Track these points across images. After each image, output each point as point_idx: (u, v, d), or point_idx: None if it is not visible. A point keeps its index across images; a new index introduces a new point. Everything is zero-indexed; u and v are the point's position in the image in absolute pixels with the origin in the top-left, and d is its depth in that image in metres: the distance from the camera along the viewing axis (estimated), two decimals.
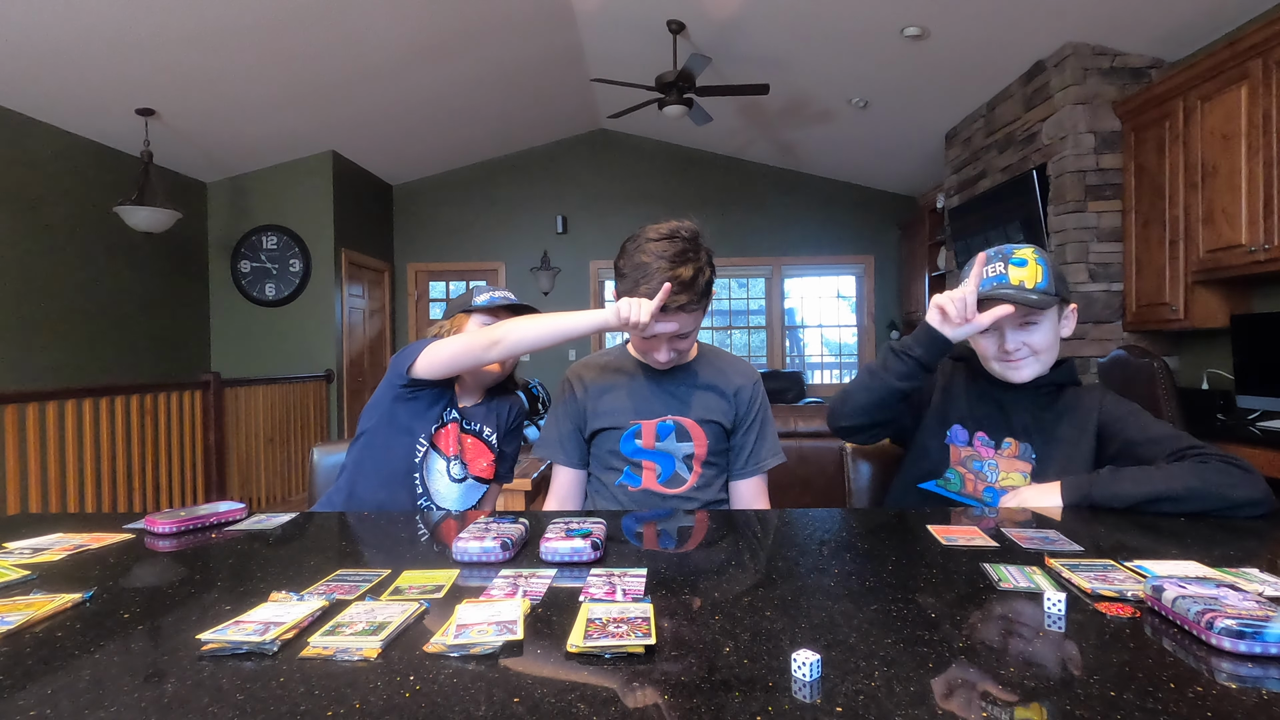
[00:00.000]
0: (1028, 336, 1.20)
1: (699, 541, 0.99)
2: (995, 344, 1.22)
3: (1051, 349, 1.22)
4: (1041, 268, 1.17)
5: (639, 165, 6.88)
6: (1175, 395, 2.65)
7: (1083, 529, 0.98)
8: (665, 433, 1.37)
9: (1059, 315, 1.22)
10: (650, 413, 1.37)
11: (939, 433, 1.29)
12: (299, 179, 5.63)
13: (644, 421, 1.37)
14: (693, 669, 0.57)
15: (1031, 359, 1.21)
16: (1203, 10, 3.18)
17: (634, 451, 1.37)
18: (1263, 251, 2.72)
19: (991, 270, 1.20)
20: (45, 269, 4.17)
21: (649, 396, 1.39)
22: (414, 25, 4.02)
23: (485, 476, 1.47)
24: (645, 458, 1.37)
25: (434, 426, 1.40)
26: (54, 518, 1.13)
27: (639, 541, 0.97)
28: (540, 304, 6.89)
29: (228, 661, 0.59)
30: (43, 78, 3.76)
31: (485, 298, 1.47)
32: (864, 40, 4.06)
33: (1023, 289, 1.16)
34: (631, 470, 1.38)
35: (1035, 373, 1.22)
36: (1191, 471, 1.06)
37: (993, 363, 1.25)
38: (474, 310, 1.46)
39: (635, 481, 1.38)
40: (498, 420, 1.51)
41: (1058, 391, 1.27)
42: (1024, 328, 1.20)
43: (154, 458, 3.75)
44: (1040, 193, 3.82)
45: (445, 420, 1.42)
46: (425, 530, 1.05)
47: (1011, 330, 1.20)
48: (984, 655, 0.59)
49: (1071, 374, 1.28)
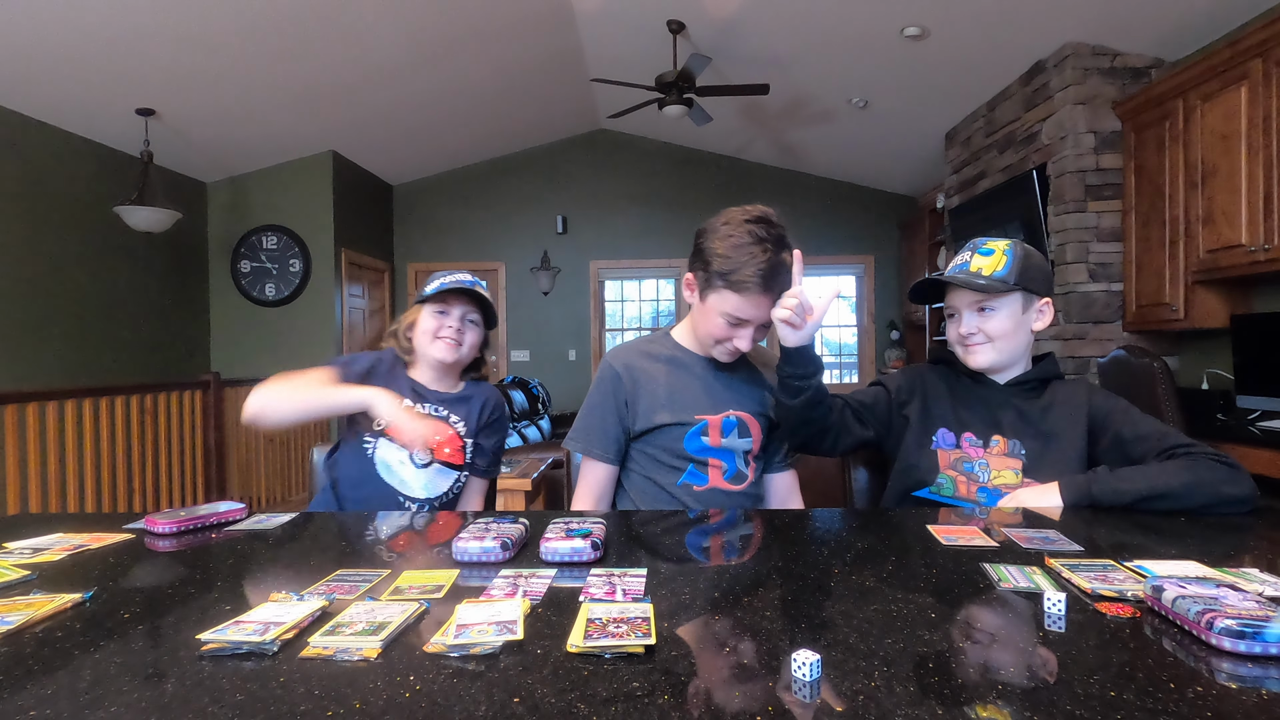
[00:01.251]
0: (983, 322, 1.24)
1: (702, 542, 0.99)
2: (955, 328, 1.28)
3: (1009, 338, 1.24)
4: (1006, 258, 1.22)
5: (639, 165, 6.88)
6: (1175, 395, 2.65)
7: (1083, 529, 0.98)
8: (729, 429, 1.32)
9: (1022, 307, 1.24)
10: (714, 408, 1.32)
11: (924, 440, 1.29)
12: (299, 179, 5.62)
13: (709, 417, 1.31)
14: (693, 669, 0.57)
15: (986, 345, 1.25)
16: (1203, 10, 3.18)
17: (701, 449, 1.31)
18: (1263, 251, 2.72)
19: (959, 259, 1.26)
20: (45, 269, 4.17)
21: (712, 391, 1.34)
22: (414, 25, 4.02)
23: (453, 462, 1.45)
24: (713, 455, 1.32)
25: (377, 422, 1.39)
26: (54, 518, 1.13)
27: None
28: (541, 304, 6.92)
29: (228, 661, 0.59)
30: (43, 78, 3.76)
31: (434, 285, 1.46)
32: (864, 40, 4.05)
33: (976, 275, 1.22)
34: (697, 469, 1.32)
35: (991, 360, 1.25)
36: (1186, 468, 1.07)
37: (956, 347, 1.30)
38: (425, 301, 1.46)
39: (702, 480, 1.32)
40: (470, 411, 1.49)
41: (1041, 386, 1.28)
42: (980, 313, 1.24)
43: (154, 458, 3.75)
44: (1040, 193, 3.82)
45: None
46: (425, 530, 1.05)
47: (968, 313, 1.25)
48: (984, 655, 0.59)
49: (1054, 368, 1.30)
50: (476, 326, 1.49)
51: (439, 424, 1.42)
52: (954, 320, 1.29)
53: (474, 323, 1.48)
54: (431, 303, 1.45)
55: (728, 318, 1.24)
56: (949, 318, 1.31)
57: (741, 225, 1.21)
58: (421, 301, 1.47)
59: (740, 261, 1.19)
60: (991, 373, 1.28)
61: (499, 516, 1.02)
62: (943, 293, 1.30)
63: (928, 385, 1.33)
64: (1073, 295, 3.63)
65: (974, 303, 1.24)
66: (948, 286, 1.27)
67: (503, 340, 6.98)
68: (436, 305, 1.45)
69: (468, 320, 1.46)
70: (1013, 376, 1.28)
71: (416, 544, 0.98)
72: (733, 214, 1.24)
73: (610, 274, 7.07)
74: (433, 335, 1.43)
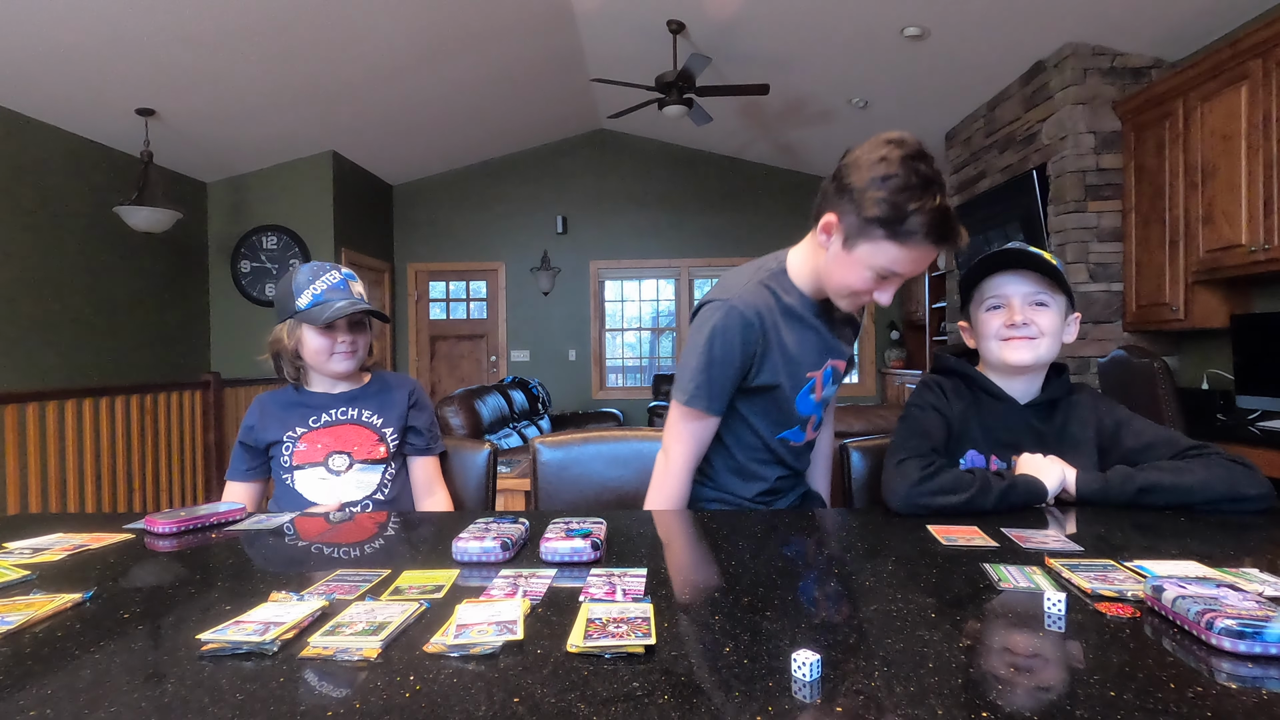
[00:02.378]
0: (1036, 315, 1.17)
1: (702, 542, 0.99)
2: (1002, 317, 1.18)
3: (1054, 338, 1.19)
4: (1056, 261, 1.19)
5: (639, 165, 6.88)
6: (1175, 395, 2.65)
7: (1083, 529, 0.98)
8: (827, 379, 1.25)
9: (1064, 314, 1.21)
10: (819, 361, 1.23)
11: (953, 462, 1.22)
12: (299, 179, 5.63)
13: (815, 373, 1.23)
14: (693, 669, 0.57)
15: (1036, 340, 1.17)
16: (1203, 10, 3.18)
17: (810, 408, 1.24)
18: (1263, 251, 2.72)
19: (1011, 245, 1.21)
20: (45, 269, 4.17)
21: (821, 342, 1.23)
22: (414, 25, 4.02)
23: (375, 458, 1.42)
24: (813, 412, 1.26)
25: (287, 457, 1.39)
26: (54, 518, 1.13)
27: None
28: (541, 304, 6.92)
29: (228, 661, 0.59)
30: (43, 78, 3.76)
31: (306, 300, 1.39)
32: (864, 40, 4.06)
33: (1041, 257, 1.16)
34: (801, 428, 1.25)
35: (1034, 358, 1.18)
36: (1204, 468, 1.07)
37: (991, 341, 1.21)
38: (301, 319, 1.39)
39: (799, 437, 1.26)
40: (390, 401, 1.47)
41: (1054, 404, 1.25)
42: (1034, 306, 1.18)
43: (154, 458, 3.75)
44: (1040, 193, 3.82)
45: (291, 449, 1.39)
46: (425, 531, 1.05)
47: (1022, 305, 1.17)
48: (984, 655, 0.59)
49: (1068, 384, 1.26)
50: (362, 326, 1.45)
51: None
52: (998, 311, 1.19)
53: (358, 324, 1.45)
54: (313, 329, 1.39)
55: (880, 270, 1.08)
56: (992, 309, 1.20)
57: (903, 163, 1.01)
58: (293, 318, 1.40)
59: (906, 209, 1.00)
60: (1022, 376, 1.22)
61: (499, 516, 1.02)
62: (980, 283, 1.23)
63: (956, 404, 1.25)
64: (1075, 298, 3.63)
65: (1032, 293, 1.17)
66: (997, 274, 1.19)
67: (503, 340, 6.98)
68: (320, 334, 1.40)
69: (353, 325, 1.43)
70: (1032, 398, 1.23)
71: (417, 544, 0.97)
72: (883, 147, 1.03)
73: (610, 274, 7.07)
74: (328, 353, 1.40)
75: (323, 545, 0.98)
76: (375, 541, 1.00)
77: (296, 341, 1.41)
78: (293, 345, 1.41)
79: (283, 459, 1.39)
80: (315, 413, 1.43)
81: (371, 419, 1.45)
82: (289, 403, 1.45)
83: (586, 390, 6.98)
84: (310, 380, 1.46)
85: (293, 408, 1.44)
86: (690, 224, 6.91)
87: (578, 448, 1.52)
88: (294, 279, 1.41)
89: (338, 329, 1.39)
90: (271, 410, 1.44)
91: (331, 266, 1.44)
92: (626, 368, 7.24)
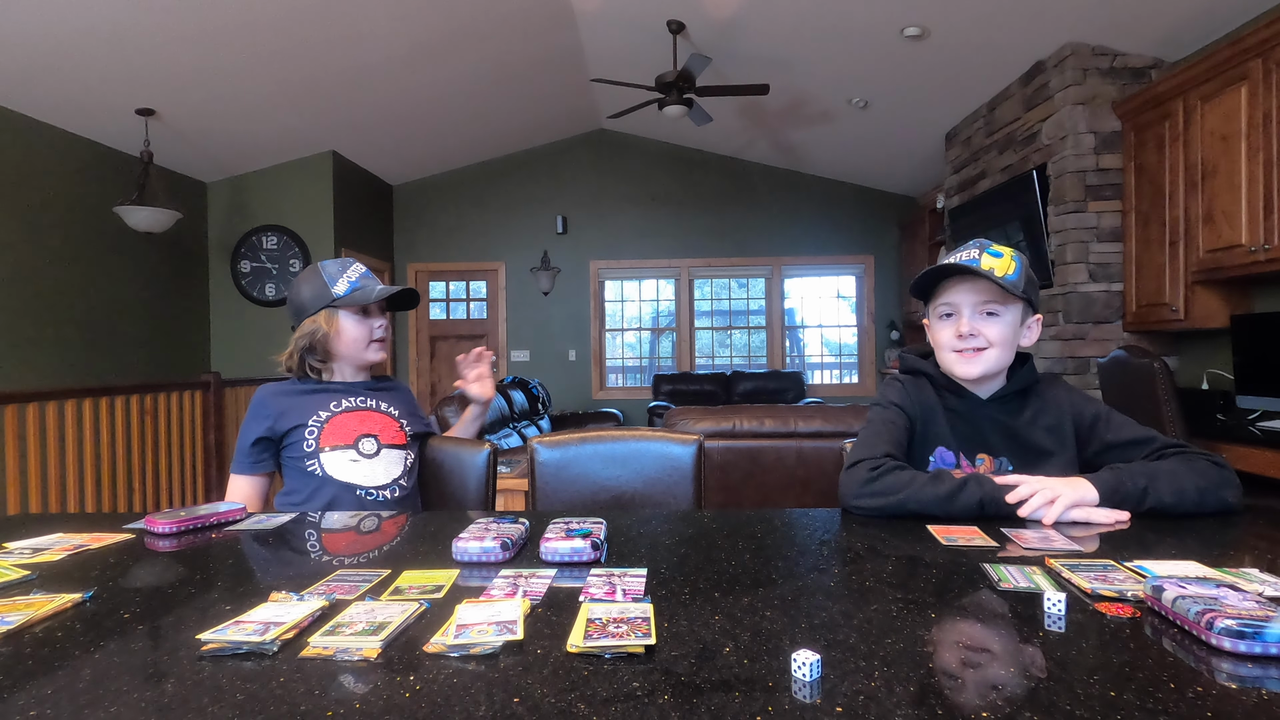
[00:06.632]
0: (985, 325, 1.17)
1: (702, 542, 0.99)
2: (952, 329, 1.19)
3: (1006, 348, 1.18)
4: (1015, 265, 1.16)
5: (639, 165, 6.88)
6: (1175, 395, 2.65)
7: (1083, 529, 0.98)
8: None
9: (1021, 319, 1.19)
10: None
11: (921, 462, 1.22)
12: (299, 179, 5.62)
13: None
14: (693, 669, 0.57)
15: (985, 352, 1.17)
16: (1203, 10, 3.18)
17: None
18: (1263, 251, 2.72)
19: (964, 254, 1.17)
20: (45, 269, 4.17)
21: None
22: (414, 25, 4.02)
23: (398, 443, 1.48)
24: None
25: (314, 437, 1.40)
26: (54, 518, 1.13)
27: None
28: (541, 304, 6.92)
29: (228, 661, 0.59)
30: (43, 78, 3.76)
31: (344, 287, 1.44)
32: (864, 40, 4.06)
33: (990, 274, 1.14)
34: None
35: (985, 370, 1.18)
36: (1193, 471, 1.06)
37: (944, 351, 1.21)
38: (338, 305, 1.44)
39: None
40: (398, 398, 1.54)
41: (1021, 397, 1.23)
42: (984, 316, 1.18)
43: (154, 458, 3.74)
44: (1040, 193, 3.82)
45: (316, 432, 1.40)
46: (425, 531, 1.05)
47: (971, 314, 1.17)
48: (984, 655, 0.59)
49: (1032, 375, 1.24)
50: (385, 315, 1.55)
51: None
52: (948, 320, 1.20)
53: (383, 312, 1.54)
54: (349, 310, 1.44)
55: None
56: (942, 317, 1.22)
57: None
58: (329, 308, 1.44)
59: None
60: (978, 384, 1.22)
61: (499, 517, 1.02)
62: (936, 288, 1.23)
63: (921, 401, 1.25)
64: (1073, 295, 3.63)
65: (981, 303, 1.17)
66: (950, 281, 1.19)
67: (503, 340, 6.98)
68: (355, 310, 1.45)
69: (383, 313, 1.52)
70: (994, 391, 1.22)
71: (417, 544, 0.97)
72: None
73: (610, 274, 7.07)
74: (366, 341, 1.45)
75: (323, 546, 0.98)
76: (375, 542, 1.00)
77: (335, 331, 1.44)
78: (331, 334, 1.44)
79: (306, 444, 1.39)
80: (337, 398, 1.46)
81: (389, 409, 1.49)
82: (305, 390, 1.47)
83: (586, 390, 6.97)
84: (331, 375, 1.51)
85: (311, 394, 1.46)
86: (690, 224, 6.91)
87: (575, 447, 1.52)
88: (323, 272, 1.46)
89: (373, 314, 1.47)
90: (287, 398, 1.45)
91: (352, 260, 1.51)
92: (626, 368, 7.24)
